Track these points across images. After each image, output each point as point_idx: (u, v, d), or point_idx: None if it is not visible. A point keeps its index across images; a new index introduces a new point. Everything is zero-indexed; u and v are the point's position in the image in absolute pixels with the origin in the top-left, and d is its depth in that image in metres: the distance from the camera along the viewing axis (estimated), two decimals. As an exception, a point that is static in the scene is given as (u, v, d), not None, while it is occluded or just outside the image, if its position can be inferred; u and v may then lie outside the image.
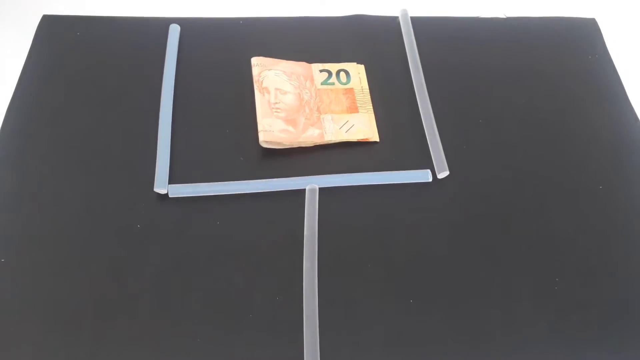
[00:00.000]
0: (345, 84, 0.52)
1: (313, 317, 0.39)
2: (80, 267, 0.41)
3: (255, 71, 0.50)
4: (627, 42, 0.58)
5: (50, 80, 0.50)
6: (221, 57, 0.53)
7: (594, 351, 0.39)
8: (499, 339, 0.39)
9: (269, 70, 0.50)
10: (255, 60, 0.51)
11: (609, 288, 0.42)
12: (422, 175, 0.46)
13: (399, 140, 0.49)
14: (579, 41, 0.57)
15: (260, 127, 0.47)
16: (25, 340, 0.38)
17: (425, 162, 0.47)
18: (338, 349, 0.38)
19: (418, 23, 0.55)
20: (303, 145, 0.48)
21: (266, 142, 0.47)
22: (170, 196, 0.44)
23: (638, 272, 0.43)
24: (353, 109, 0.50)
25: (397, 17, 0.56)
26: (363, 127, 0.49)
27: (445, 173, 0.46)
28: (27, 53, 0.52)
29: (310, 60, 0.53)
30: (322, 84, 0.51)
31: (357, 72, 0.53)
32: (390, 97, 0.51)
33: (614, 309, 0.41)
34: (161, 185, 0.44)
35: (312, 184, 0.45)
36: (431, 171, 0.46)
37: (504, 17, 0.58)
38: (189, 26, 0.54)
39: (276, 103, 0.49)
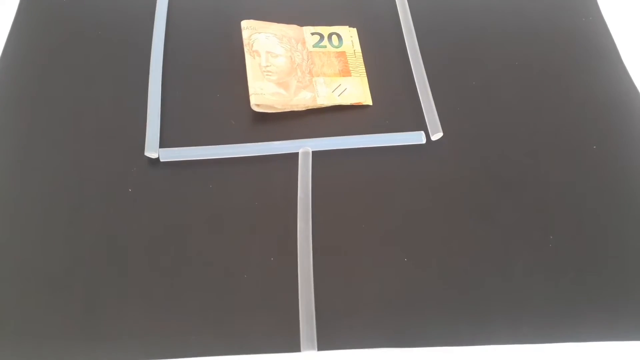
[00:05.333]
0: (337, 47, 0.51)
1: (308, 278, 0.39)
2: (72, 232, 0.40)
3: (245, 34, 0.50)
4: (620, 3, 0.58)
5: (37, 45, 0.49)
6: (211, 21, 0.52)
7: (588, 306, 0.39)
8: (495, 296, 0.39)
9: (259, 33, 0.50)
10: (245, 24, 0.50)
11: (602, 244, 0.42)
12: (416, 137, 0.46)
13: (392, 103, 0.48)
14: (573, 3, 0.56)
15: (251, 91, 0.46)
16: (17, 306, 0.37)
17: (418, 124, 0.47)
18: (333, 309, 0.38)
19: (410, -15, 0.55)
20: (295, 109, 0.47)
21: (257, 105, 0.46)
22: (161, 160, 0.44)
23: (630, 229, 0.43)
24: (345, 72, 0.50)
25: (389, -20, 0.56)
26: (356, 90, 0.49)
27: (439, 134, 0.46)
28: (13, 17, 0.51)
29: (302, 23, 0.52)
30: (314, 46, 0.50)
31: (350, 35, 0.52)
32: (383, 60, 0.51)
33: (608, 264, 0.41)
34: (152, 149, 0.44)
35: (305, 147, 0.45)
36: (425, 133, 0.46)
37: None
38: (178, -11, 0.53)
39: (267, 66, 0.48)
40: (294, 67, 0.49)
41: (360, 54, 0.51)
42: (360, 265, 0.40)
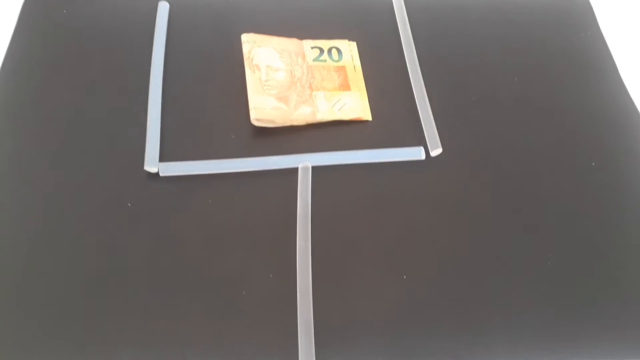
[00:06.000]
0: (337, 61, 0.51)
1: (307, 294, 0.39)
2: (71, 246, 0.40)
3: (245, 48, 0.50)
4: (619, 19, 0.58)
5: (37, 59, 0.49)
6: (211, 34, 0.52)
7: (586, 325, 0.39)
8: (492, 314, 0.39)
9: (259, 47, 0.50)
10: (245, 37, 0.50)
11: (602, 263, 0.42)
12: (415, 153, 0.46)
13: (391, 118, 0.49)
14: (572, 18, 0.57)
15: (251, 105, 0.46)
16: (16, 320, 0.37)
17: (418, 139, 0.47)
18: (331, 326, 0.38)
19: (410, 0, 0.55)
20: (295, 124, 0.47)
21: (258, 119, 0.46)
22: (161, 175, 0.44)
23: (630, 246, 0.43)
24: (345, 86, 0.50)
25: (389, -6, 0.56)
26: (355, 105, 0.49)
27: (438, 150, 0.46)
28: (13, 30, 0.51)
29: (302, 37, 0.52)
30: (313, 60, 0.51)
31: (349, 49, 0.52)
32: (382, 75, 0.51)
33: (606, 283, 0.41)
34: (152, 164, 0.44)
35: (304, 162, 0.45)
36: (424, 148, 0.46)
37: (497, -6, 0.58)
38: (178, 3, 0.53)
39: (267, 80, 0.48)
40: (294, 81, 0.49)
41: (360, 68, 0.51)
42: (359, 282, 0.40)
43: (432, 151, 0.46)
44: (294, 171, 0.44)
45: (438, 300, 0.40)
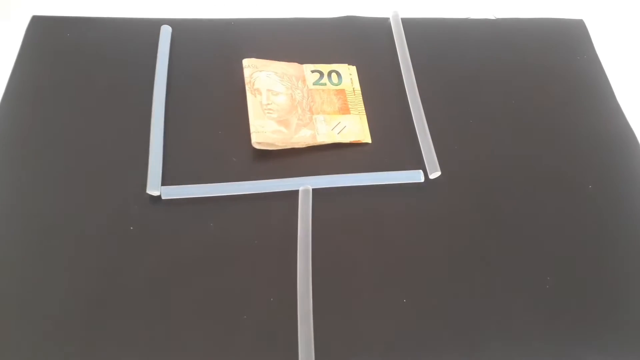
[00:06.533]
0: (336, 84, 0.52)
1: (307, 317, 0.39)
2: (74, 270, 0.40)
3: (246, 73, 0.50)
4: (614, 42, 0.59)
5: (40, 82, 0.50)
6: (213, 59, 0.53)
7: (586, 348, 0.40)
8: (492, 337, 0.40)
9: (260, 71, 0.51)
10: (246, 62, 0.51)
11: (600, 286, 0.42)
12: (414, 176, 0.46)
13: (390, 141, 0.49)
14: (568, 42, 0.57)
15: (252, 129, 0.47)
16: (18, 344, 0.38)
17: (417, 162, 0.48)
18: (332, 349, 0.39)
19: (409, 24, 0.56)
20: (296, 146, 0.48)
21: (259, 143, 0.47)
22: (163, 198, 0.44)
23: (628, 269, 0.43)
24: (345, 110, 0.50)
25: (388, 19, 0.57)
26: (355, 128, 0.49)
27: (437, 173, 0.47)
28: (16, 54, 0.51)
29: (302, 61, 0.53)
30: (314, 84, 0.51)
31: (349, 73, 0.53)
32: (381, 98, 0.52)
33: (605, 306, 0.41)
34: (154, 187, 0.44)
35: (305, 184, 0.45)
36: (423, 171, 0.47)
37: (494, 18, 0.58)
38: (181, 27, 0.54)
39: (268, 104, 0.49)
40: (295, 105, 0.49)
41: (360, 91, 0.52)
42: (360, 306, 0.40)
43: (430, 174, 0.47)
44: (294, 194, 0.45)
45: (437, 326, 0.40)
